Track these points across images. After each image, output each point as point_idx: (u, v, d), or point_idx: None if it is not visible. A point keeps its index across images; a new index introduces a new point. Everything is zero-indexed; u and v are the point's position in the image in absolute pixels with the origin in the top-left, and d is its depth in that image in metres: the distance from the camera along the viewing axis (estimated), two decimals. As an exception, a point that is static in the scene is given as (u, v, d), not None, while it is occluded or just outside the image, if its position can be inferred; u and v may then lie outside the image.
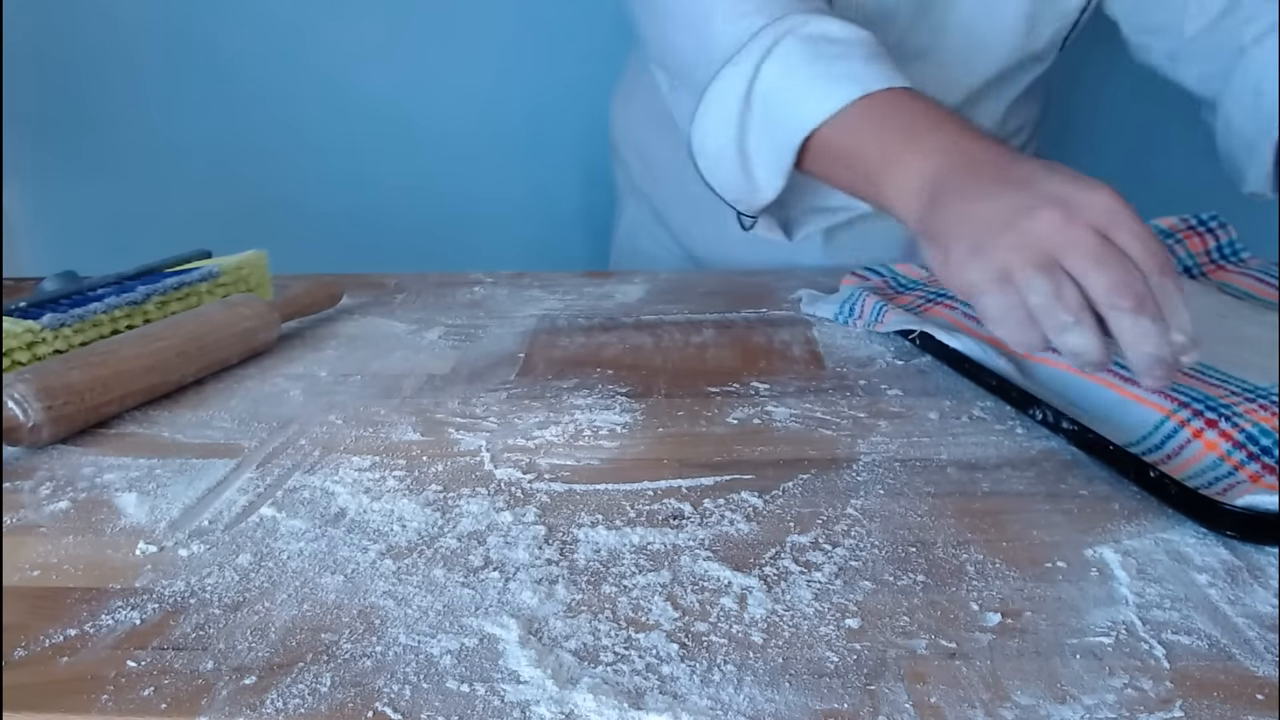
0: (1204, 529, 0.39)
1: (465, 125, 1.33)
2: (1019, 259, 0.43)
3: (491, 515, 0.41)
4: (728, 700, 0.29)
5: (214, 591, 0.36)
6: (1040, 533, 0.39)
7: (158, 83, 1.31)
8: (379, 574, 0.37)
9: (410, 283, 0.81)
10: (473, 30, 1.28)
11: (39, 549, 0.39)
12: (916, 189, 0.51)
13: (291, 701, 0.30)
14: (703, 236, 0.92)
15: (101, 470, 0.47)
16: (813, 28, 0.59)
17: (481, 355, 0.62)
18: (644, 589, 0.35)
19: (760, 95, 0.59)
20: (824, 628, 0.33)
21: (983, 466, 0.45)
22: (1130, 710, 0.29)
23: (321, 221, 1.36)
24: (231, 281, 0.69)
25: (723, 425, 0.50)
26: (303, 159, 1.35)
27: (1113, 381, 0.49)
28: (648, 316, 0.70)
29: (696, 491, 0.43)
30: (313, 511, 0.42)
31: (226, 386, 0.58)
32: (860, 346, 0.62)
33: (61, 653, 0.32)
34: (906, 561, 0.37)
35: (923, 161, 0.51)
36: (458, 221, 1.37)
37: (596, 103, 1.27)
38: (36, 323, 0.55)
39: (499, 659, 0.32)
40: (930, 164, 0.50)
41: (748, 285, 0.77)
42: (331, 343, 0.66)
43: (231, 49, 1.29)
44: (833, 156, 0.57)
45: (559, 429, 0.50)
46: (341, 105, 1.32)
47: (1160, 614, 0.33)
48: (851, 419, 0.51)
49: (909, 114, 0.54)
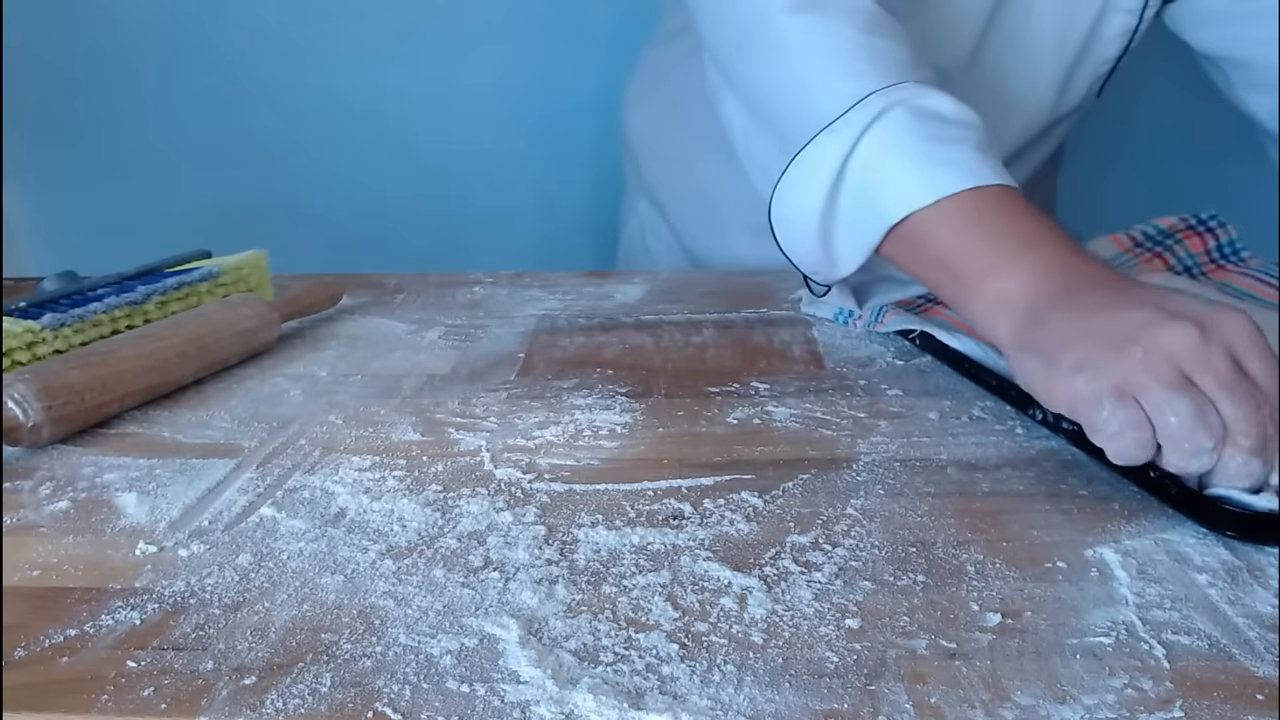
0: (1204, 529, 0.39)
1: (469, 124, 1.33)
2: (1147, 375, 0.39)
3: (491, 515, 0.41)
4: (728, 700, 0.29)
5: (214, 591, 0.36)
6: (1040, 533, 0.39)
7: (158, 82, 1.31)
8: (379, 574, 0.37)
9: (410, 283, 0.81)
10: (479, 26, 1.28)
11: (39, 549, 0.39)
12: (1014, 305, 0.47)
13: (291, 701, 0.30)
14: (705, 239, 0.92)
15: (101, 470, 0.47)
16: (927, 102, 0.53)
17: (481, 355, 0.62)
18: (644, 589, 0.35)
19: (858, 167, 0.54)
20: (824, 628, 0.33)
21: (983, 466, 0.45)
22: (1130, 710, 0.29)
23: (322, 222, 1.36)
24: (231, 281, 0.69)
25: (723, 425, 0.50)
26: (303, 159, 1.34)
27: None
28: (648, 316, 0.70)
29: (696, 491, 0.43)
30: (313, 511, 0.42)
31: (226, 386, 0.58)
32: (860, 346, 0.62)
33: (61, 653, 0.32)
34: (906, 561, 0.37)
35: (1025, 277, 0.47)
36: (461, 222, 1.37)
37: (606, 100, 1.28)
38: (36, 323, 0.55)
39: (499, 659, 0.32)
40: (1033, 280, 0.46)
41: (748, 285, 0.77)
42: (331, 343, 0.66)
43: (232, 47, 1.29)
44: (923, 249, 0.52)
45: (559, 429, 0.50)
46: (343, 105, 1.32)
47: (1160, 614, 0.33)
48: (851, 419, 0.51)
49: (1013, 220, 0.50)
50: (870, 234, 0.54)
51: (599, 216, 1.37)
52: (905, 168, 0.52)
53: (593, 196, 1.36)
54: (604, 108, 1.30)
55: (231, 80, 1.31)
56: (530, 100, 1.32)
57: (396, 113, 1.32)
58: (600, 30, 1.26)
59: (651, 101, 0.95)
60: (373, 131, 1.33)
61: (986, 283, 0.48)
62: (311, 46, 1.29)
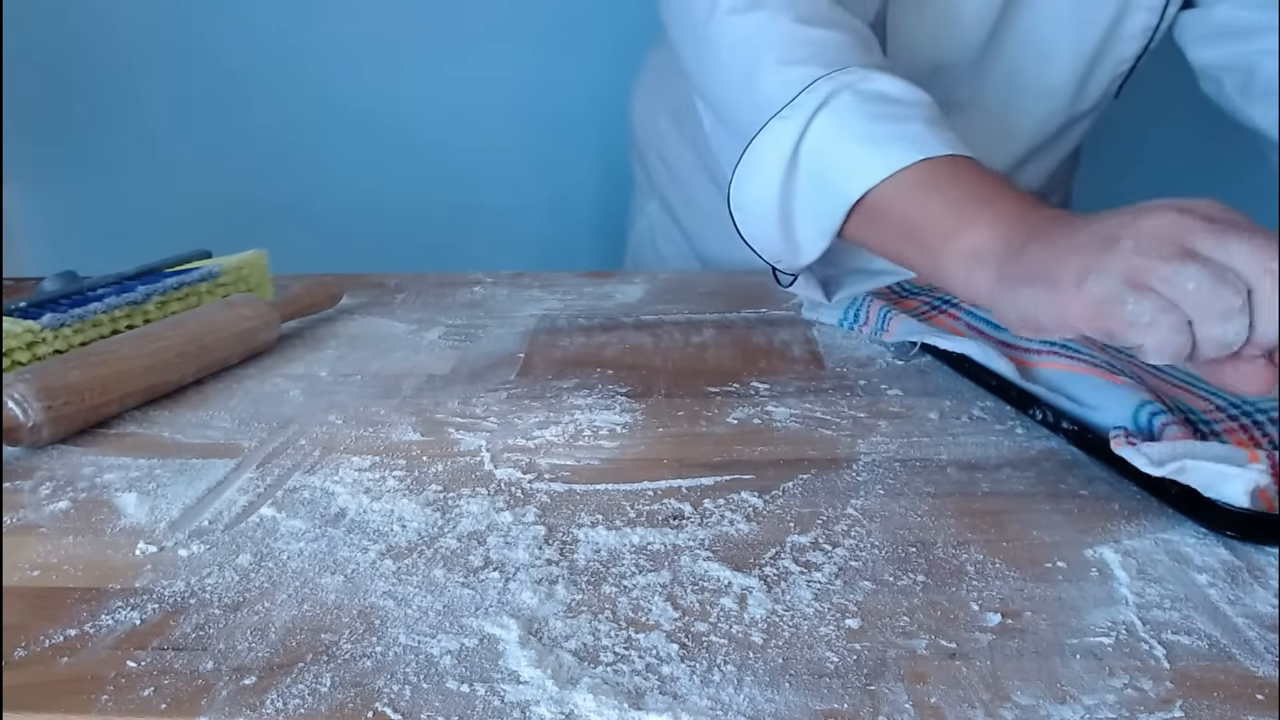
0: (1204, 529, 0.39)
1: (470, 124, 1.33)
2: (1147, 258, 0.39)
3: (491, 515, 0.41)
4: (728, 700, 0.29)
5: (214, 591, 0.36)
6: (1040, 533, 0.39)
7: (158, 82, 1.31)
8: (379, 574, 0.37)
9: (410, 283, 0.81)
10: (480, 26, 1.28)
11: (39, 549, 0.39)
12: (985, 258, 0.47)
13: (291, 702, 0.30)
14: (715, 240, 0.91)
15: (101, 470, 0.47)
16: (872, 84, 0.54)
17: (481, 355, 0.62)
18: (644, 589, 0.35)
19: (809, 153, 0.55)
20: (824, 628, 0.33)
21: (983, 466, 0.45)
22: (1130, 710, 0.29)
23: (322, 222, 1.36)
24: (231, 281, 0.69)
25: (723, 425, 0.50)
26: (303, 159, 1.35)
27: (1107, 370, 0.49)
28: (648, 316, 0.70)
29: (696, 491, 0.43)
30: (313, 511, 0.42)
31: (226, 386, 0.58)
32: (860, 346, 0.62)
33: (61, 653, 0.32)
34: (906, 561, 0.37)
35: (990, 231, 0.47)
36: (462, 223, 1.37)
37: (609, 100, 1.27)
38: (36, 323, 0.55)
39: (499, 659, 0.32)
40: (999, 233, 0.47)
41: (748, 285, 0.77)
42: (331, 343, 0.66)
43: (233, 48, 1.29)
44: (885, 223, 0.53)
45: (559, 429, 0.50)
46: (344, 105, 1.32)
47: (1160, 614, 0.33)
48: (851, 419, 0.51)
49: (970, 184, 0.50)
50: (830, 216, 0.55)
51: (603, 217, 1.37)
52: (857, 147, 0.53)
53: (596, 197, 1.36)
54: (607, 108, 1.30)
55: (232, 80, 1.31)
56: (532, 100, 1.32)
57: (397, 113, 1.32)
58: (604, 30, 1.26)
59: (658, 102, 0.95)
60: (373, 131, 1.33)
61: (954, 244, 0.48)
62: (312, 47, 1.29)
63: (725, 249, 0.89)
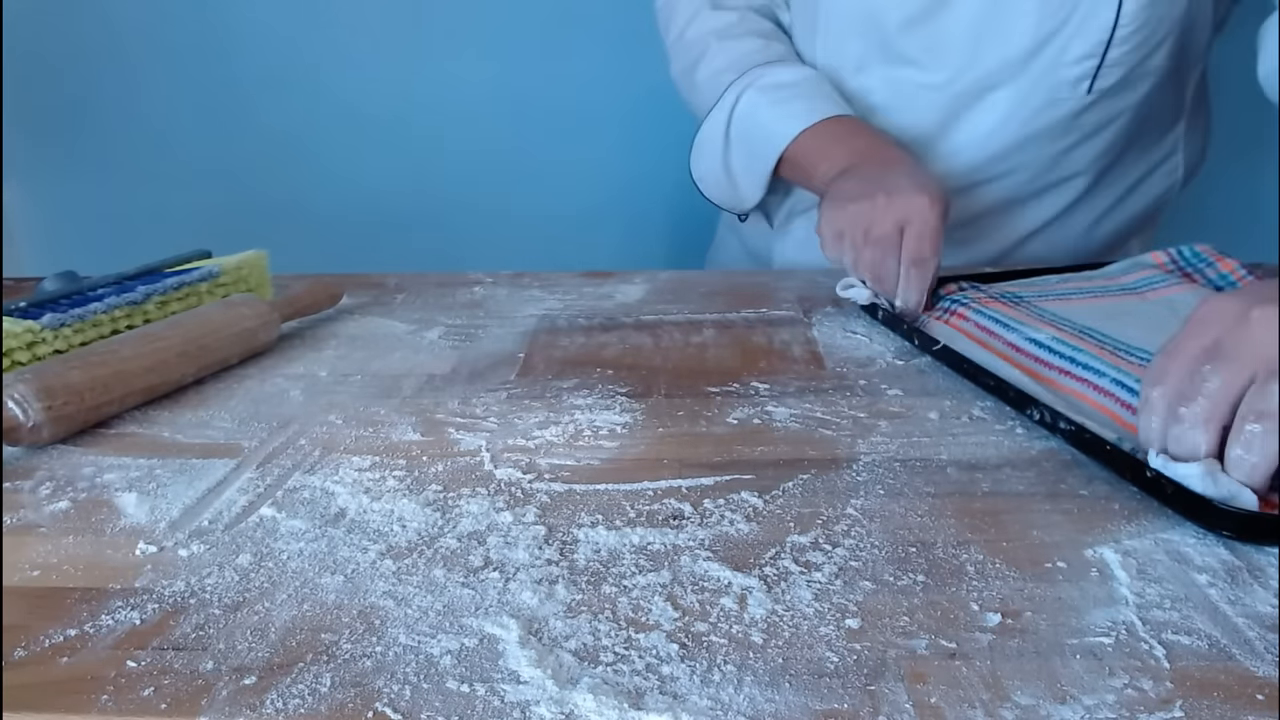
0: (1204, 529, 0.39)
1: (471, 124, 1.33)
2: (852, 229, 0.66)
3: (491, 515, 0.41)
4: (728, 700, 0.29)
5: (214, 591, 0.36)
6: (1040, 533, 0.39)
7: (158, 82, 1.31)
8: (379, 574, 0.37)
9: (410, 283, 0.81)
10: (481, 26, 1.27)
11: (39, 549, 0.39)
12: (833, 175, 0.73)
13: (291, 702, 0.30)
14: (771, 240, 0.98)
15: (101, 470, 0.47)
16: (770, 78, 0.81)
17: (481, 355, 0.62)
18: (644, 589, 0.35)
19: (736, 132, 0.83)
20: (824, 628, 0.33)
21: (983, 466, 0.45)
22: (1130, 710, 0.29)
23: (322, 222, 1.36)
24: (231, 281, 0.69)
25: (723, 425, 0.50)
26: (303, 159, 1.34)
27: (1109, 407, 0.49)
28: (648, 316, 0.70)
29: (696, 491, 0.43)
30: (313, 511, 0.42)
31: (226, 386, 0.58)
32: (860, 346, 0.62)
33: (61, 653, 0.32)
34: (906, 561, 0.37)
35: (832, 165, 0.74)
36: (462, 223, 1.37)
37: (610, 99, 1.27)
38: (36, 323, 0.55)
39: (499, 659, 0.32)
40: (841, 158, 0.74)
41: (748, 285, 0.77)
42: (331, 343, 0.66)
43: (233, 48, 1.29)
44: (792, 166, 0.80)
45: (559, 429, 0.50)
46: (344, 104, 1.32)
47: (1160, 614, 0.33)
48: (851, 419, 0.51)
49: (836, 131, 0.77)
50: (762, 173, 0.82)
51: (603, 217, 1.37)
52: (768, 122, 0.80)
53: (597, 197, 1.36)
54: (608, 107, 1.30)
55: (232, 80, 1.31)
56: (532, 100, 1.32)
57: (397, 112, 1.32)
58: (605, 30, 1.26)
59: None
60: (374, 132, 1.33)
61: (820, 167, 0.75)
62: (312, 47, 1.29)
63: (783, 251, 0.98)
